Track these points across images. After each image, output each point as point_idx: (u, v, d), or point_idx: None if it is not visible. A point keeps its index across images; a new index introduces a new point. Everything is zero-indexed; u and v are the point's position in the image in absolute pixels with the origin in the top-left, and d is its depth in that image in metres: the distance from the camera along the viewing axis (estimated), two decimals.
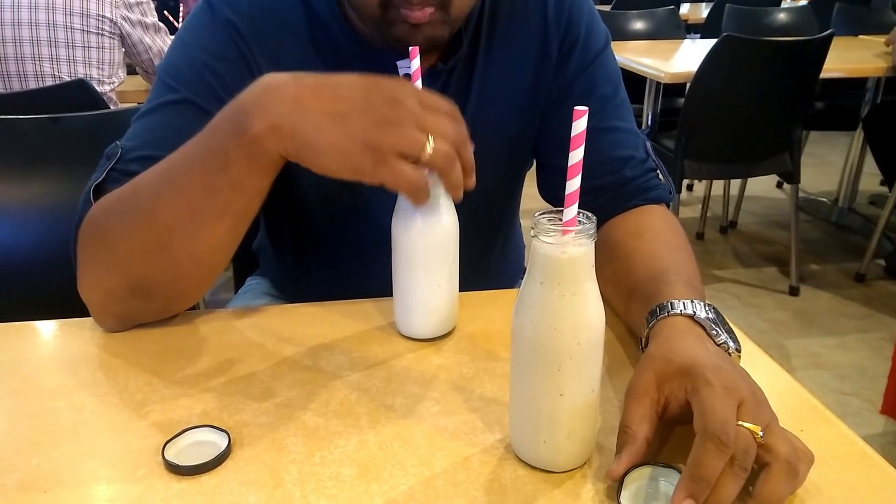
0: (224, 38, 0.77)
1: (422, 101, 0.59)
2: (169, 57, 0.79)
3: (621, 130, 0.85)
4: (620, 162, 0.83)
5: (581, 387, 0.52)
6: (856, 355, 2.31)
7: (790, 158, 2.54)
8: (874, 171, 3.18)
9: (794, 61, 2.38)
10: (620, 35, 3.37)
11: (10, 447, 0.57)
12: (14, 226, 1.09)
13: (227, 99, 0.69)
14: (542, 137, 0.88)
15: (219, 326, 0.75)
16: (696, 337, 0.58)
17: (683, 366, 0.53)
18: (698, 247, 3.13)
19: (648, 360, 0.56)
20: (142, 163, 0.69)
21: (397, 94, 0.58)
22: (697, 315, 0.59)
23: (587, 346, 0.51)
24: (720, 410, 0.48)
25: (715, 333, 0.59)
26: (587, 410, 0.53)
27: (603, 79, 0.85)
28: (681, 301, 0.61)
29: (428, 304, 0.70)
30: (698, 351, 0.55)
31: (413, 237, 0.68)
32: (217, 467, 0.54)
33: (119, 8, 1.92)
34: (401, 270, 0.70)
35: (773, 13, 3.71)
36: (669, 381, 0.53)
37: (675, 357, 0.54)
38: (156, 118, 0.75)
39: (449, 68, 0.81)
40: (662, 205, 0.84)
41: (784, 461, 0.48)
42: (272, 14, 0.78)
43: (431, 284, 0.69)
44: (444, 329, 0.72)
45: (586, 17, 0.85)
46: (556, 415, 0.52)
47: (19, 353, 0.71)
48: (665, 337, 0.58)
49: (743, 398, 0.50)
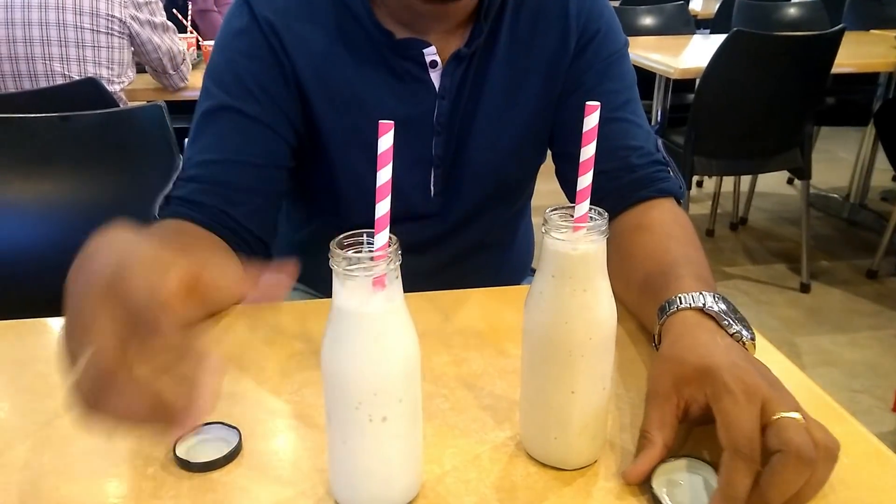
0: (258, 37, 0.80)
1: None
2: (210, 61, 0.83)
3: (632, 123, 0.85)
4: (628, 150, 0.83)
5: (593, 383, 0.52)
6: (867, 352, 2.29)
7: (801, 154, 2.52)
8: (886, 166, 3.15)
9: (805, 56, 2.36)
10: (630, 31, 3.32)
11: (22, 444, 0.57)
12: (25, 223, 1.09)
13: (262, 99, 0.79)
14: (555, 127, 0.89)
15: (228, 322, 0.75)
16: (708, 331, 0.57)
17: (700, 368, 0.52)
18: (708, 243, 3.12)
19: (663, 361, 0.56)
20: (198, 167, 0.79)
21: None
22: (708, 307, 0.59)
23: (599, 342, 0.51)
24: (745, 424, 0.48)
25: (727, 324, 0.58)
26: (599, 407, 0.53)
27: (617, 75, 0.86)
28: (689, 294, 0.60)
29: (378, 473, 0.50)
30: (711, 348, 0.54)
31: (351, 374, 0.46)
32: (228, 464, 0.54)
33: (128, 7, 1.93)
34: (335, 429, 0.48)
35: (783, 8, 3.69)
36: (688, 384, 0.53)
37: (690, 358, 0.54)
38: (204, 126, 0.81)
39: (471, 52, 0.82)
40: (672, 199, 0.83)
41: (824, 446, 0.48)
42: (303, 8, 0.81)
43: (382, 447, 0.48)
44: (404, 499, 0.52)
45: (606, 17, 0.87)
46: (567, 411, 0.52)
47: (32, 350, 0.71)
48: (677, 334, 0.58)
49: (765, 396, 0.49)
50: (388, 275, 0.45)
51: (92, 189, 1.11)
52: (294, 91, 0.81)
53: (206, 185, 0.78)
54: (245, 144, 0.80)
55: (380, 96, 0.82)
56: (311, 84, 0.81)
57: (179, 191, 0.78)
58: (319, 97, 0.82)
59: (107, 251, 0.45)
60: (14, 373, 0.67)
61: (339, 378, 0.46)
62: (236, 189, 0.79)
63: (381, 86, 0.82)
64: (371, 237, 0.46)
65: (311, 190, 0.92)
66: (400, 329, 0.46)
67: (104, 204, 1.10)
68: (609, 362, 0.52)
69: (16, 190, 1.08)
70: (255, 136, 0.80)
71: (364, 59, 0.81)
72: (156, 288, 0.40)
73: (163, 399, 0.39)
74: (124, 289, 0.40)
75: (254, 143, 0.80)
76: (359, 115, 0.83)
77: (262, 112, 0.80)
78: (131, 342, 0.39)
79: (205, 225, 0.77)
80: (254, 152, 0.80)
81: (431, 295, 0.80)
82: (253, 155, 0.80)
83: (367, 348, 0.45)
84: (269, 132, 0.80)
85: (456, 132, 0.85)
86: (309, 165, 0.87)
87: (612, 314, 0.51)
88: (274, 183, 0.82)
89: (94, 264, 0.44)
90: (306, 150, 0.85)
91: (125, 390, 0.38)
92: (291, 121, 0.82)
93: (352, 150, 0.84)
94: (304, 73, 0.81)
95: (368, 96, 0.82)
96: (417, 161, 0.86)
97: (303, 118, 0.83)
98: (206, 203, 0.77)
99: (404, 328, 0.47)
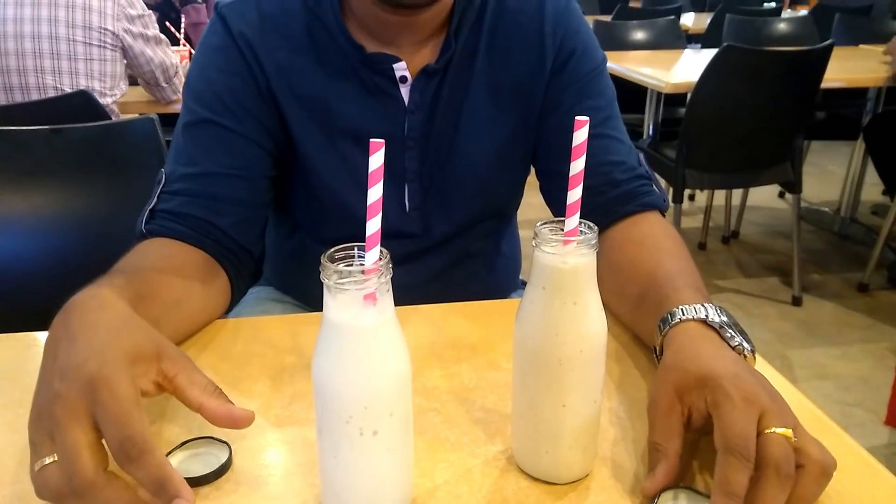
0: (235, 53, 0.81)
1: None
2: (189, 76, 0.84)
3: (613, 139, 0.86)
4: (611, 165, 0.84)
5: (583, 397, 0.52)
6: (859, 366, 2.30)
7: (791, 168, 2.54)
8: (876, 180, 3.18)
9: (795, 71, 2.38)
10: (621, 45, 3.39)
11: (11, 458, 0.56)
12: (16, 236, 1.09)
13: (241, 114, 0.80)
14: (537, 145, 0.90)
15: (219, 336, 0.75)
16: (711, 342, 0.58)
17: (701, 376, 0.53)
18: (700, 257, 3.13)
19: (666, 371, 0.56)
20: (181, 181, 0.79)
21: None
22: (710, 319, 0.59)
23: (589, 355, 0.51)
24: (740, 424, 0.48)
25: (729, 336, 0.58)
26: (589, 421, 0.53)
27: (596, 92, 0.87)
28: (691, 306, 0.60)
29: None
30: (715, 359, 0.54)
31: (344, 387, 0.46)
32: (218, 479, 0.54)
33: (121, 21, 1.93)
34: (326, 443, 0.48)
35: (773, 23, 3.73)
36: (689, 392, 0.53)
37: (692, 367, 0.54)
38: (185, 139, 0.81)
39: (441, 68, 0.83)
40: (657, 212, 0.84)
41: (817, 462, 0.48)
42: (277, 22, 0.81)
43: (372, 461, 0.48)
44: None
45: (583, 35, 0.88)
46: (558, 425, 0.52)
47: (21, 363, 0.71)
48: (680, 345, 0.58)
49: (764, 406, 0.49)
50: (379, 288, 0.45)
51: (84, 201, 1.10)
52: (270, 103, 0.82)
53: (190, 197, 0.78)
54: (227, 156, 0.80)
55: (350, 110, 0.83)
56: (284, 97, 0.82)
57: (164, 204, 0.78)
58: (293, 109, 0.83)
59: (84, 340, 0.50)
60: (4, 387, 0.66)
61: (330, 391, 0.46)
62: (221, 200, 0.79)
63: (351, 99, 0.83)
64: (362, 250, 0.46)
65: (292, 201, 0.92)
66: (391, 342, 0.46)
67: (96, 216, 1.10)
68: (599, 376, 0.52)
69: (7, 203, 1.07)
70: (237, 148, 0.80)
71: (335, 73, 0.82)
72: (131, 412, 0.45)
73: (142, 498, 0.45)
74: (101, 403, 0.45)
75: (236, 155, 0.80)
76: (331, 127, 0.83)
77: (241, 125, 0.80)
78: (104, 454, 0.45)
79: (191, 239, 0.77)
80: (236, 164, 0.80)
81: (423, 308, 0.80)
82: (235, 166, 0.80)
83: (358, 362, 0.45)
84: (249, 143, 0.81)
85: (433, 147, 0.86)
86: (289, 176, 0.87)
87: (602, 327, 0.51)
88: (258, 193, 0.83)
89: (70, 356, 0.49)
90: (286, 159, 0.86)
91: (107, 497, 0.44)
92: (270, 131, 0.83)
93: (327, 162, 0.85)
94: (277, 86, 0.81)
95: (339, 109, 0.83)
96: (389, 176, 0.86)
97: (281, 129, 0.84)
98: (192, 215, 0.77)
99: (395, 342, 0.46)
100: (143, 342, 0.51)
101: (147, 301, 0.61)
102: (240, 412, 0.50)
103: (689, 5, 6.08)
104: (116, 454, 0.44)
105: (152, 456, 0.44)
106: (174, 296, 0.69)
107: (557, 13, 0.86)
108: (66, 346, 0.50)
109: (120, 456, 0.44)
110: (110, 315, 0.53)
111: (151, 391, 0.51)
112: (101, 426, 0.45)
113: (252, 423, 0.51)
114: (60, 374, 0.48)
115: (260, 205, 0.84)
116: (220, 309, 0.80)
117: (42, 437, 0.46)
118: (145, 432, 0.45)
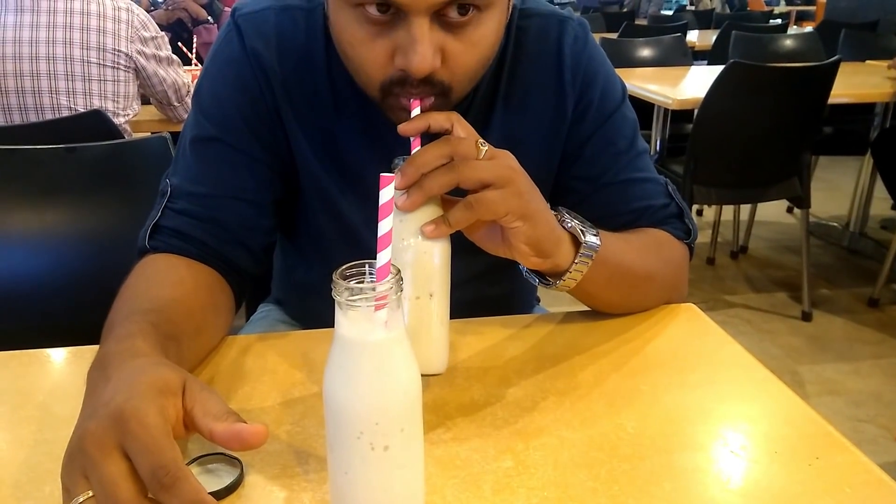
0: (247, 69, 0.79)
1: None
2: (199, 84, 0.82)
3: (637, 181, 0.85)
4: (634, 213, 0.84)
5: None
6: (871, 381, 2.28)
7: (800, 183, 2.53)
8: (885, 195, 3.17)
9: (802, 87, 2.39)
10: (628, 62, 3.40)
11: (23, 474, 0.57)
12: (29, 254, 1.10)
13: (248, 133, 0.78)
14: (555, 193, 0.88)
15: (230, 354, 0.75)
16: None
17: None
18: (709, 272, 3.12)
19: None
20: (187, 199, 0.77)
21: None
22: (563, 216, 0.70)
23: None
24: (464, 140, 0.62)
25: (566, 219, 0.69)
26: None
27: (618, 135, 0.85)
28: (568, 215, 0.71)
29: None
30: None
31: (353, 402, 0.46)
32: (229, 496, 0.54)
33: (134, 42, 1.96)
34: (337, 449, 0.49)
35: (779, 39, 3.74)
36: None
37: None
38: (193, 155, 0.80)
39: None
40: (669, 233, 0.84)
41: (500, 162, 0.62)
42: (296, 51, 0.79)
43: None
44: None
45: (602, 78, 0.85)
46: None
47: (33, 380, 0.71)
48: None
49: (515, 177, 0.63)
50: (390, 305, 0.45)
51: (97, 219, 1.11)
52: (278, 126, 0.80)
53: (195, 220, 0.77)
54: (235, 178, 0.79)
55: (357, 148, 0.81)
56: (290, 122, 0.80)
57: (169, 221, 0.77)
58: (297, 136, 0.81)
59: (115, 380, 0.50)
60: (16, 403, 0.67)
61: (340, 407, 0.46)
62: (226, 226, 0.78)
63: (360, 136, 0.81)
64: (372, 267, 0.46)
65: (299, 230, 0.91)
66: (402, 358, 0.47)
67: (109, 234, 1.11)
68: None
69: (22, 220, 1.09)
70: (244, 170, 0.79)
71: (346, 106, 0.80)
72: (161, 440, 0.44)
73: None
74: (131, 433, 0.44)
75: (243, 177, 0.79)
76: (336, 159, 0.82)
77: (249, 147, 0.79)
78: (141, 483, 0.44)
79: (196, 257, 0.76)
80: (244, 186, 0.79)
81: None
82: (242, 189, 0.79)
83: (368, 377, 0.45)
84: (257, 165, 0.80)
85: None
86: (294, 202, 0.86)
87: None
88: (264, 217, 0.82)
89: (100, 397, 0.49)
90: (291, 182, 0.84)
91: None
92: (277, 152, 0.81)
93: (330, 191, 0.83)
94: (284, 110, 0.80)
95: (347, 146, 0.81)
96: None
97: (287, 150, 0.82)
98: (198, 238, 0.76)
99: (406, 357, 0.47)
100: (168, 375, 0.50)
101: (174, 340, 0.62)
102: (248, 430, 0.49)
103: (695, 22, 6.11)
104: (150, 483, 0.43)
105: (187, 483, 0.43)
106: (194, 325, 0.69)
107: (576, 57, 0.83)
108: (101, 390, 0.51)
109: (154, 485, 0.43)
110: (144, 361, 0.54)
111: (179, 431, 0.49)
112: (133, 457, 0.44)
113: (266, 441, 0.51)
114: (90, 413, 0.48)
115: (267, 228, 0.83)
116: (230, 324, 0.80)
117: (75, 478, 0.45)
118: (178, 459, 0.44)
